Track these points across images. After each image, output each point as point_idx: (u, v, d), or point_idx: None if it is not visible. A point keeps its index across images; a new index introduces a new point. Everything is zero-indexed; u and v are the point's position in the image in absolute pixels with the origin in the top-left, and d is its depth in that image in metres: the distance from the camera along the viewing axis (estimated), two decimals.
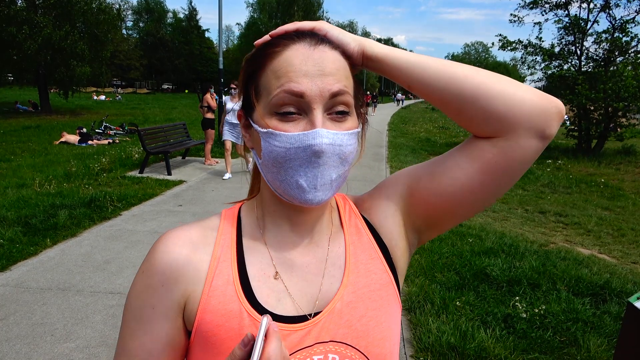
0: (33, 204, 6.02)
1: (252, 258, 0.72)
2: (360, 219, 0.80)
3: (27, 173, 8.32)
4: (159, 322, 0.69)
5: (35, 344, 3.03)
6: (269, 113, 0.66)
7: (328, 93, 0.64)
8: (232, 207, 0.81)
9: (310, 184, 0.65)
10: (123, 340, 0.71)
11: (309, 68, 0.65)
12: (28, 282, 3.95)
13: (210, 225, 0.76)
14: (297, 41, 0.67)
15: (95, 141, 13.38)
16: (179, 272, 0.69)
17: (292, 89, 0.64)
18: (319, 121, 0.64)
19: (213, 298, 0.68)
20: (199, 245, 0.72)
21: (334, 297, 0.71)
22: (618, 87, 13.40)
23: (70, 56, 22.13)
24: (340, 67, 0.67)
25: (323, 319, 0.69)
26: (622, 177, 11.92)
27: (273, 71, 0.66)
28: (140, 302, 0.69)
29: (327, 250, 0.75)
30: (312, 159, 0.64)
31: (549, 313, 3.49)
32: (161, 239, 0.72)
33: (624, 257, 5.41)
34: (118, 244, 4.94)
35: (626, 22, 14.14)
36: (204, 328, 0.67)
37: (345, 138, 0.66)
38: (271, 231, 0.75)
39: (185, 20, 69.08)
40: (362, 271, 0.74)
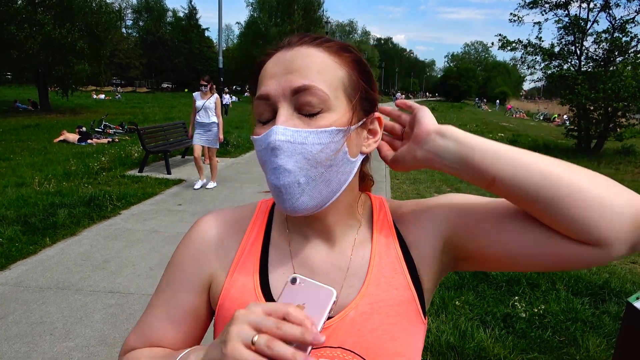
0: (32, 202, 6.02)
1: (274, 255, 0.75)
2: (393, 229, 0.77)
3: (27, 172, 8.31)
4: (186, 290, 0.75)
5: (34, 343, 3.03)
6: (256, 122, 0.69)
7: (289, 90, 0.63)
8: (268, 200, 0.82)
9: (275, 187, 0.64)
10: (155, 299, 0.78)
11: (277, 69, 0.65)
12: (27, 281, 3.95)
13: (246, 214, 0.80)
14: (279, 49, 0.68)
15: (95, 140, 13.37)
16: (211, 254, 0.75)
17: (260, 93, 0.65)
18: (280, 119, 0.62)
19: (233, 288, 0.72)
20: (231, 231, 0.77)
21: (348, 305, 0.70)
22: (618, 87, 13.39)
23: (69, 53, 22.10)
24: (315, 62, 0.65)
25: (334, 325, 0.69)
26: (621, 177, 11.92)
27: (258, 85, 0.69)
28: (174, 269, 0.77)
29: (349, 259, 0.74)
30: (272, 159, 0.63)
31: (548, 313, 3.49)
32: (201, 219, 0.80)
33: (623, 258, 5.42)
34: (117, 243, 4.94)
35: (626, 22, 14.13)
36: (224, 313, 0.72)
37: (310, 136, 0.62)
38: (295, 230, 0.76)
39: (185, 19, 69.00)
40: (383, 285, 0.72)
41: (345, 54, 0.69)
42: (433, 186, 9.04)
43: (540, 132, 24.92)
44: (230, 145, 12.57)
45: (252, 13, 57.26)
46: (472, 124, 27.38)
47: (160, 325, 0.76)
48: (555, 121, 36.73)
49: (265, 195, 0.81)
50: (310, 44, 0.67)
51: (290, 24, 49.15)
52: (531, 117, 44.33)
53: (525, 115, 47.21)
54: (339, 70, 0.67)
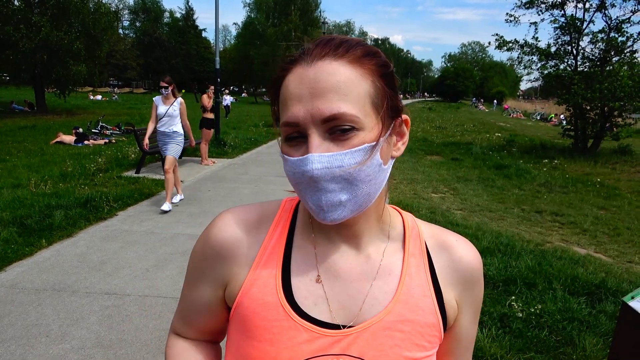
0: (28, 204, 6.00)
1: (298, 257, 0.74)
2: (425, 252, 0.77)
3: (23, 173, 8.28)
4: (204, 286, 0.77)
5: (30, 345, 3.02)
6: (282, 140, 0.67)
7: (319, 119, 0.61)
8: (293, 199, 0.81)
9: (317, 206, 0.64)
10: (183, 290, 0.83)
11: (302, 91, 0.63)
12: (23, 283, 3.93)
13: (269, 212, 0.79)
14: (298, 60, 0.65)
15: (92, 141, 13.34)
16: (229, 252, 0.74)
17: (287, 121, 0.64)
18: (313, 145, 0.62)
19: (254, 286, 0.71)
20: (253, 231, 0.76)
21: (373, 318, 0.70)
22: (614, 86, 13.44)
23: (66, 55, 22.06)
24: (341, 80, 0.62)
25: (355, 334, 0.69)
26: (618, 176, 11.96)
27: (282, 100, 0.66)
28: (195, 264, 0.79)
29: (377, 269, 0.74)
30: (311, 184, 0.63)
31: (545, 312, 3.50)
32: (221, 215, 0.78)
33: (620, 257, 5.43)
34: (114, 244, 4.92)
35: (622, 22, 14.19)
36: (242, 311, 0.71)
37: (346, 158, 0.62)
38: (321, 234, 0.75)
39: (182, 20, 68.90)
40: (411, 305, 0.72)
41: (368, 61, 0.66)
42: (430, 186, 9.05)
43: (537, 132, 24.98)
44: (228, 146, 12.57)
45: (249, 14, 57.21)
46: (469, 124, 27.44)
47: (190, 313, 0.82)
48: (552, 121, 36.83)
49: (291, 193, 0.80)
50: (333, 57, 0.64)
51: (287, 25, 49.10)
52: (528, 117, 44.44)
53: (522, 115, 47.33)
54: (364, 83, 0.64)
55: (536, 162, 13.45)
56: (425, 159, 13.22)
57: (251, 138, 14.92)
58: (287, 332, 0.68)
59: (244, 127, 19.28)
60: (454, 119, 31.80)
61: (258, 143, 14.53)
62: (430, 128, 23.95)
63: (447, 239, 0.80)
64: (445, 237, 0.80)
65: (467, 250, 0.79)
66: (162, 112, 6.28)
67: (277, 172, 9.56)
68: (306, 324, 0.68)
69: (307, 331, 0.68)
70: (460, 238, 0.81)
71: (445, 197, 8.22)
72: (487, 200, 8.21)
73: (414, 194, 8.12)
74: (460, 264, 0.77)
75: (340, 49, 0.65)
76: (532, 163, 13.17)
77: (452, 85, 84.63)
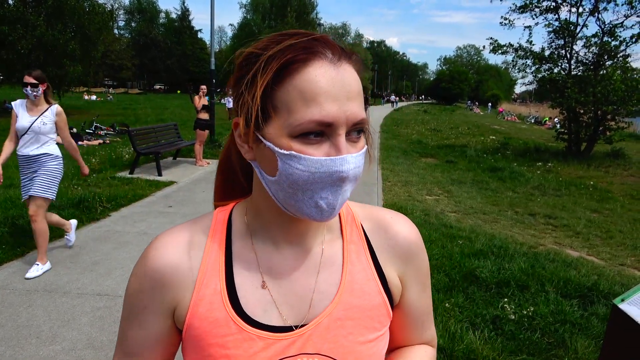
0: (20, 204, 5.94)
1: (240, 266, 0.72)
2: (362, 235, 0.78)
3: (15, 173, 8.21)
4: (151, 320, 0.72)
5: (20, 347, 2.99)
6: (288, 134, 0.61)
7: (352, 122, 0.63)
8: (225, 208, 0.79)
9: (330, 206, 0.64)
10: (122, 331, 0.76)
11: (337, 91, 0.61)
12: (14, 284, 3.90)
13: (202, 227, 0.75)
14: (318, 54, 0.62)
15: (86, 142, 13.28)
16: (168, 279, 0.71)
17: (322, 119, 0.60)
18: (344, 147, 0.62)
19: (201, 305, 0.69)
20: (189, 251, 0.72)
21: (323, 312, 0.71)
22: (607, 90, 13.53)
23: (62, 55, 21.95)
24: (359, 87, 0.65)
25: (309, 331, 0.69)
26: (610, 179, 12.04)
27: (298, 90, 0.60)
28: (134, 300, 0.73)
29: (319, 261, 0.74)
30: (336, 184, 0.63)
31: (537, 314, 3.51)
32: (152, 244, 0.74)
33: (612, 259, 5.46)
34: (107, 245, 4.89)
35: (615, 26, 14.30)
36: (193, 332, 0.70)
37: (361, 159, 0.65)
38: (261, 238, 0.74)
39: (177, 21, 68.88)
40: (357, 292, 0.73)
41: (361, 66, 0.68)
42: (425, 188, 9.07)
43: (531, 135, 25.11)
44: (223, 147, 12.53)
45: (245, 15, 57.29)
46: (463, 126, 27.54)
47: (138, 350, 0.75)
48: (546, 124, 37.03)
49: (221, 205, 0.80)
50: (348, 61, 0.65)
51: (284, 26, 49.16)
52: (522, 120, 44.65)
53: (517, 118, 47.54)
54: (361, 87, 0.67)
55: (530, 165, 13.52)
56: (419, 161, 13.25)
57: None
58: (242, 344, 0.67)
59: None
60: (448, 121, 31.91)
61: None
62: (425, 130, 24.01)
63: (382, 218, 0.81)
64: (380, 216, 0.81)
65: (402, 225, 0.80)
66: (25, 126, 4.10)
67: None
68: (259, 332, 0.68)
69: (262, 339, 0.68)
70: (396, 214, 0.83)
71: (439, 200, 8.24)
72: (481, 203, 8.24)
73: (408, 196, 8.13)
74: (397, 240, 0.79)
75: (346, 52, 0.66)
76: (526, 166, 13.23)
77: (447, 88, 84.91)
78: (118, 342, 0.78)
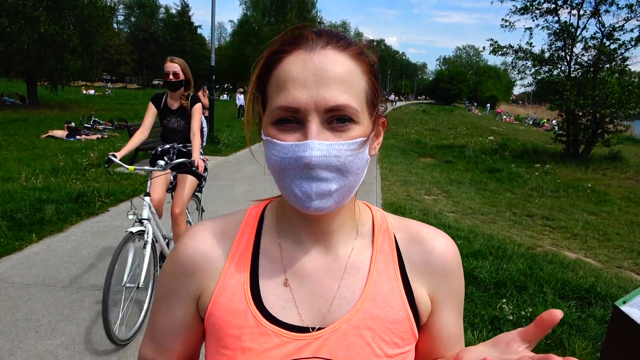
0: (19, 198, 5.93)
1: (265, 262, 0.73)
2: (394, 247, 0.76)
3: (13, 167, 8.19)
4: (178, 306, 0.76)
5: (19, 340, 2.99)
6: (269, 122, 0.65)
7: (323, 108, 0.61)
8: (259, 205, 0.81)
9: (305, 194, 0.63)
10: (153, 315, 0.80)
11: (306, 76, 0.62)
12: (12, 277, 3.89)
13: (235, 221, 0.78)
14: (299, 44, 0.64)
15: (84, 136, 13.23)
16: (196, 267, 0.73)
17: (287, 105, 0.62)
18: (312, 132, 0.61)
19: (223, 295, 0.71)
20: (218, 242, 0.75)
21: (342, 318, 0.70)
22: (605, 93, 13.57)
23: (63, 49, 21.87)
24: (345, 72, 0.63)
25: (325, 335, 0.68)
26: (608, 182, 12.08)
27: (275, 80, 0.64)
28: (166, 285, 0.77)
29: (344, 266, 0.73)
30: (304, 171, 0.62)
31: (535, 315, 3.52)
32: (187, 232, 0.78)
33: (609, 262, 5.49)
34: (105, 240, 4.88)
35: (614, 29, 14.32)
36: (213, 320, 0.71)
37: (343, 148, 0.62)
38: (287, 236, 0.75)
39: (177, 16, 68.66)
40: (380, 302, 0.71)
41: (365, 58, 0.67)
42: (423, 188, 9.08)
43: (529, 137, 25.16)
44: (222, 143, 12.53)
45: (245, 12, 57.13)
46: (462, 127, 27.58)
47: (163, 336, 0.78)
48: (544, 126, 37.13)
49: (257, 201, 0.82)
50: (336, 48, 0.64)
51: (284, 24, 49.09)
52: (521, 122, 44.76)
53: (515, 119, 47.64)
54: (362, 80, 0.65)
55: (528, 166, 13.55)
56: (418, 161, 13.26)
57: (245, 136, 14.86)
58: (258, 338, 0.68)
59: (237, 125, 19.22)
60: (447, 121, 31.94)
61: (252, 141, 14.47)
62: (423, 130, 24.03)
63: (418, 232, 0.78)
64: (416, 230, 0.78)
65: (440, 241, 0.76)
66: None
67: None
68: (276, 329, 0.68)
69: (278, 336, 0.68)
70: (433, 229, 0.79)
71: (437, 200, 8.25)
72: (479, 203, 8.26)
73: (407, 195, 8.14)
74: (431, 256, 0.75)
75: (341, 42, 0.65)
76: (524, 167, 13.26)
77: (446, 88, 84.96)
78: (147, 325, 0.82)
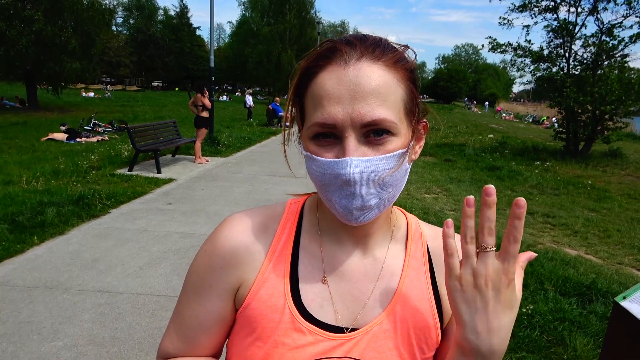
0: (20, 201, 5.94)
1: (305, 259, 0.74)
2: (426, 255, 0.78)
3: (14, 170, 8.20)
4: (214, 299, 0.74)
5: (21, 343, 3.00)
6: (308, 137, 0.66)
7: (359, 123, 0.61)
8: (298, 200, 0.81)
9: (345, 209, 0.64)
10: (180, 305, 0.78)
11: (341, 92, 0.61)
12: (15, 280, 3.90)
13: (274, 215, 0.78)
14: (333, 59, 0.63)
15: (84, 138, 13.24)
16: (237, 259, 0.73)
17: (324, 122, 0.62)
18: (350, 149, 0.61)
19: (262, 289, 0.72)
20: (260, 235, 0.75)
21: (374, 320, 0.72)
22: (605, 90, 13.56)
23: (61, 52, 21.86)
24: (380, 84, 0.62)
25: (358, 337, 0.71)
26: (608, 179, 12.08)
27: (311, 96, 0.64)
28: (200, 277, 0.75)
29: (380, 269, 0.75)
30: (344, 187, 0.62)
31: (537, 313, 3.53)
32: (226, 223, 0.76)
33: (610, 258, 5.49)
34: (107, 242, 4.89)
35: (613, 26, 14.31)
36: (249, 312, 0.72)
37: (381, 163, 0.62)
38: (327, 234, 0.76)
39: (176, 18, 68.55)
40: (409, 307, 0.73)
41: (402, 66, 0.66)
42: (423, 187, 9.09)
43: (529, 134, 25.14)
44: (222, 144, 12.54)
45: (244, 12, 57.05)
46: (462, 125, 27.55)
47: (191, 332, 0.76)
48: (544, 123, 37.09)
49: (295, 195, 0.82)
50: (370, 59, 0.63)
51: (284, 24, 49.04)
52: (520, 119, 44.70)
53: (515, 117, 47.60)
54: (399, 88, 0.64)
55: (528, 164, 13.54)
56: (418, 160, 13.24)
57: (245, 137, 14.89)
58: (292, 334, 0.69)
59: (237, 125, 19.23)
60: (447, 120, 31.92)
61: (252, 142, 14.50)
62: None
63: None
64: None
65: None
66: None
67: (271, 171, 9.55)
68: (311, 327, 0.70)
69: (312, 334, 0.69)
70: None
71: (438, 198, 8.26)
72: (479, 202, 8.25)
73: (407, 194, 8.15)
74: None
75: (376, 52, 0.64)
76: (524, 165, 13.25)
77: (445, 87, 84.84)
78: (173, 319, 0.79)
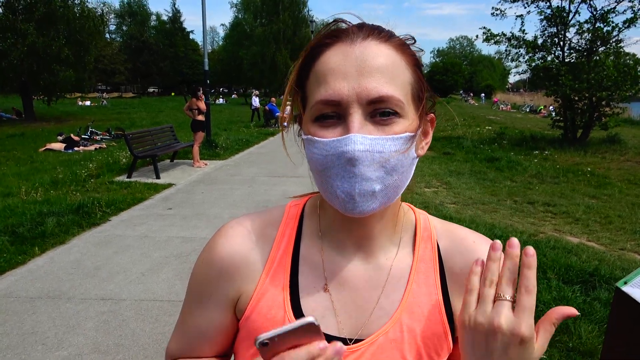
0: (20, 212, 5.94)
1: (305, 267, 0.71)
2: (436, 255, 0.72)
3: (13, 182, 8.19)
4: (214, 309, 0.72)
5: (26, 354, 2.99)
6: (310, 119, 0.62)
7: (366, 99, 0.58)
8: (298, 203, 0.77)
9: (348, 195, 0.59)
10: (183, 315, 0.77)
11: (347, 67, 0.59)
12: (17, 292, 3.89)
13: (273, 220, 0.74)
14: (340, 37, 0.62)
15: (82, 147, 13.23)
16: (235, 270, 0.70)
17: (328, 98, 0.59)
18: (355, 126, 0.57)
19: (262, 300, 0.69)
20: (258, 243, 0.72)
21: (379, 330, 0.67)
22: (600, 76, 13.54)
23: (53, 61, 21.84)
24: (388, 63, 0.60)
25: (362, 349, 0.67)
26: (607, 165, 12.06)
27: (315, 75, 0.62)
28: (199, 288, 0.73)
29: (385, 276, 0.70)
30: (347, 168, 0.58)
31: (540, 302, 3.52)
32: (222, 231, 0.73)
33: (612, 244, 5.49)
34: (108, 249, 4.89)
35: (607, 12, 14.28)
36: (250, 324, 0.69)
37: (387, 144, 0.58)
38: (329, 239, 0.72)
39: (169, 23, 68.48)
40: (417, 315, 0.68)
41: (409, 50, 0.64)
42: (423, 181, 9.08)
43: (527, 124, 25.12)
44: (220, 147, 12.53)
45: (236, 14, 57.02)
46: (459, 118, 27.55)
47: (194, 340, 0.76)
48: (542, 113, 37.05)
49: (295, 198, 0.79)
50: (378, 39, 0.61)
51: (277, 24, 48.98)
52: (517, 110, 44.65)
53: (512, 107, 47.56)
54: (407, 72, 0.62)
55: (527, 153, 13.53)
56: None
57: (242, 139, 14.88)
58: None
59: (235, 128, 19.22)
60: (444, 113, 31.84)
61: (249, 144, 14.49)
62: None
63: (462, 239, 0.74)
64: (460, 237, 0.75)
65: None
66: None
67: (270, 172, 9.54)
68: None
69: None
70: (480, 238, 0.75)
71: (438, 191, 8.25)
72: (479, 193, 8.25)
73: (407, 188, 8.13)
74: None
75: (383, 33, 0.62)
76: (523, 155, 13.24)
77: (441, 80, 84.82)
78: (178, 324, 0.78)
